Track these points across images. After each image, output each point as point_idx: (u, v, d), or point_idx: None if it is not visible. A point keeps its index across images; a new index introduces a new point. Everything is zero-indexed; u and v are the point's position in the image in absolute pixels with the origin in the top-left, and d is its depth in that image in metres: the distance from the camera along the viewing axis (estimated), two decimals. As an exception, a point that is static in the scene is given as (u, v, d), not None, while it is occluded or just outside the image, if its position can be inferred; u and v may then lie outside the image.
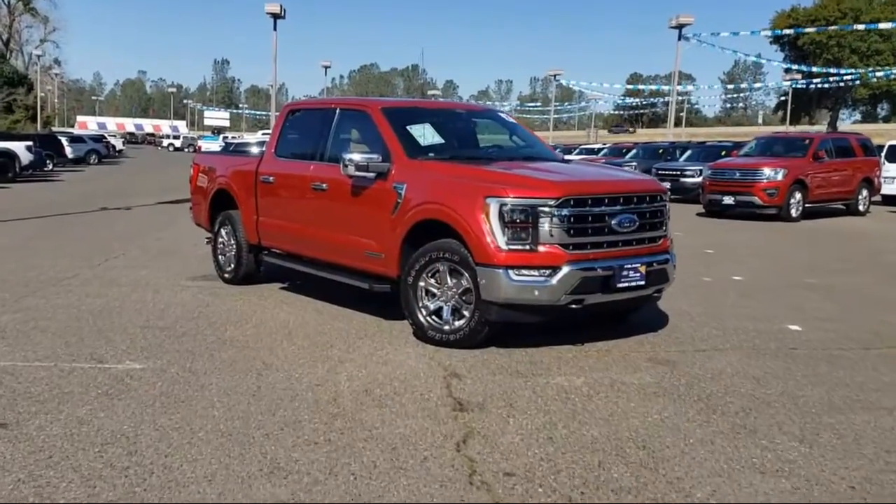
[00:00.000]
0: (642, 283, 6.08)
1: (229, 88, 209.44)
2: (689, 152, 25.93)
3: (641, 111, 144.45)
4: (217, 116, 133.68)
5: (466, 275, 5.96)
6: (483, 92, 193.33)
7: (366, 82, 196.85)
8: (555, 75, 64.96)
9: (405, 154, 6.65)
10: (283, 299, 8.21)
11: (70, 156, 40.42)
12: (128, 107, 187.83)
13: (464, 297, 6.07)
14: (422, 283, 6.25)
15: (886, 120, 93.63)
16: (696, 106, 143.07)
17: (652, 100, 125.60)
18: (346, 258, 7.15)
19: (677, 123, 60.16)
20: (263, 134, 31.42)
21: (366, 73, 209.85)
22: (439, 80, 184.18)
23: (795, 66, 62.60)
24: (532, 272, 5.69)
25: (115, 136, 63.72)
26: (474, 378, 5.40)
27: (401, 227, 6.41)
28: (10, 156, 27.36)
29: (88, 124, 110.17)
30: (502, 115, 8.28)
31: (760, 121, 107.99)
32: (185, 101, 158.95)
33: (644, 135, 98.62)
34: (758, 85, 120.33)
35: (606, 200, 5.96)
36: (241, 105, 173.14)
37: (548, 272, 5.69)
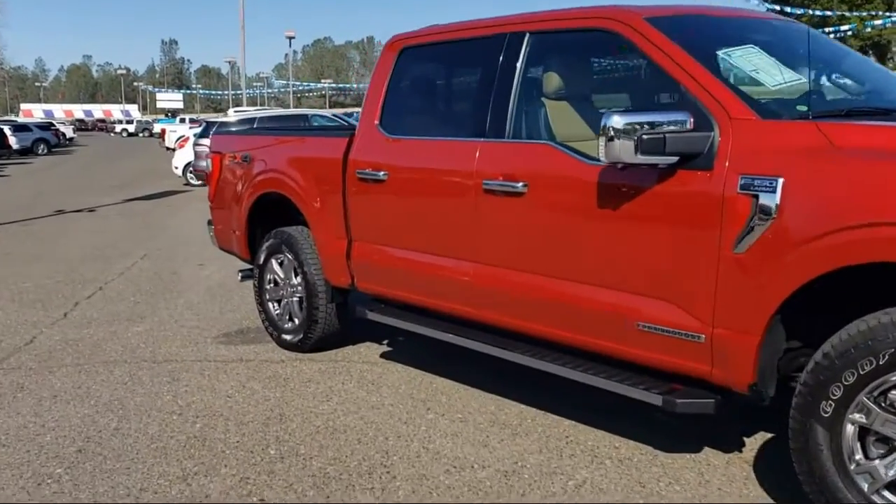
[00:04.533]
0: None
1: (179, 69, 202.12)
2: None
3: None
4: (170, 98, 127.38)
5: None
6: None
7: (320, 57, 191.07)
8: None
9: (753, 111, 3.01)
10: (415, 390, 4.58)
11: (15, 146, 35.88)
12: (74, 93, 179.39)
13: None
14: (854, 418, 2.66)
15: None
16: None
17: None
18: (582, 331, 3.53)
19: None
20: (236, 111, 26.80)
21: (320, 47, 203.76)
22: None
23: (789, 9, 58.82)
24: None
25: (63, 123, 58.38)
26: None
27: (771, 279, 2.82)
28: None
29: (34, 112, 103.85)
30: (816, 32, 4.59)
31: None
32: (135, 84, 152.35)
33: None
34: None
35: None
36: (193, 86, 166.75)
37: None
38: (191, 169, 18.10)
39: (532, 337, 3.81)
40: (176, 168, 19.39)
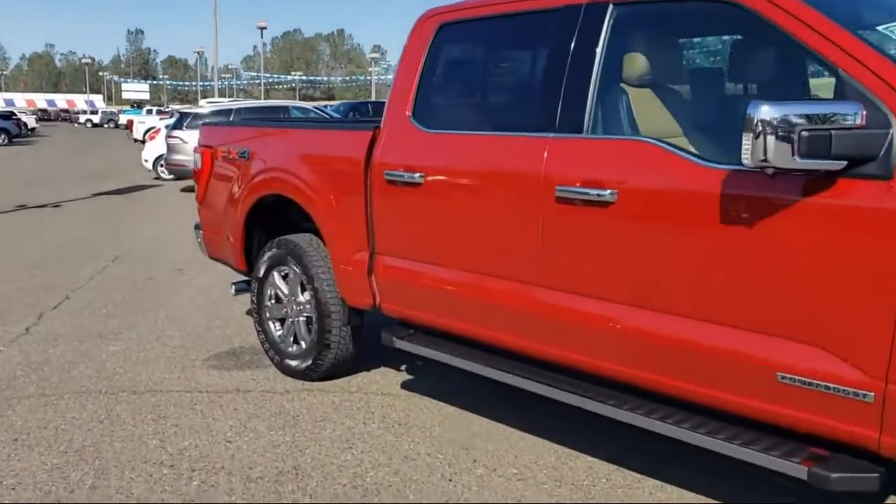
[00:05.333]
0: None
1: (145, 60, 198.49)
2: None
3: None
4: (136, 89, 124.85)
5: None
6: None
7: (290, 49, 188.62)
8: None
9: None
10: (452, 433, 3.84)
11: (-26, 136, 34.41)
12: (37, 82, 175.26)
13: None
14: None
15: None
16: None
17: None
18: (699, 381, 2.80)
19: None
20: (209, 103, 25.83)
21: (289, 39, 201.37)
22: (366, 44, 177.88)
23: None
24: None
25: (25, 112, 56.45)
26: None
27: None
28: None
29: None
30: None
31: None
32: (99, 74, 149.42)
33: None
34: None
35: None
36: (159, 77, 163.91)
37: None
38: (162, 162, 17.12)
39: (617, 382, 3.08)
40: (146, 161, 18.38)
